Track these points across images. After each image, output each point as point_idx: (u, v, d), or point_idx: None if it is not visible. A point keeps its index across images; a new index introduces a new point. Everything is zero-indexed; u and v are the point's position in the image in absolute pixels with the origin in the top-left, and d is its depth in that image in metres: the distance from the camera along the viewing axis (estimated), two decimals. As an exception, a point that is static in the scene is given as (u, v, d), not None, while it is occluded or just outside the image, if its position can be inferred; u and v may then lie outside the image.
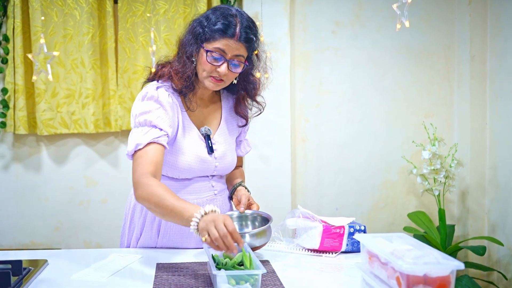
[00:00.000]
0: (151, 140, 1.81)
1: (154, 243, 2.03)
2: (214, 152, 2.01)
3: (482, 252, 3.33)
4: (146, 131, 1.83)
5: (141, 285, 1.62)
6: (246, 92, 2.05)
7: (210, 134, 2.01)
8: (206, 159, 1.99)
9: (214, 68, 1.87)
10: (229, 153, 2.08)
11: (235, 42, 1.85)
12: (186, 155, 1.95)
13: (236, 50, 1.87)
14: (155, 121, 1.84)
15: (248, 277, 1.50)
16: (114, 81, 3.62)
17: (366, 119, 3.85)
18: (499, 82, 3.61)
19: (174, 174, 1.97)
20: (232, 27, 1.85)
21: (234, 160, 2.12)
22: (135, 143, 1.82)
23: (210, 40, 1.86)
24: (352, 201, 3.87)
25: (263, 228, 1.83)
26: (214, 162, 2.01)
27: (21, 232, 3.75)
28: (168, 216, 1.71)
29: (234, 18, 1.86)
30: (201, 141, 2.00)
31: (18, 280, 1.60)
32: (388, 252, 1.35)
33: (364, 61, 3.83)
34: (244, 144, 2.24)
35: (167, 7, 3.59)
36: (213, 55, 1.86)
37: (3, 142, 3.70)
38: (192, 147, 1.96)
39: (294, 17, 3.77)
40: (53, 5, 3.55)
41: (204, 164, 1.98)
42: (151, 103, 1.89)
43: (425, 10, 3.82)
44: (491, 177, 3.69)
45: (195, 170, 1.97)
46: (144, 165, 1.78)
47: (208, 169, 2.01)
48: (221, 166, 2.04)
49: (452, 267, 1.26)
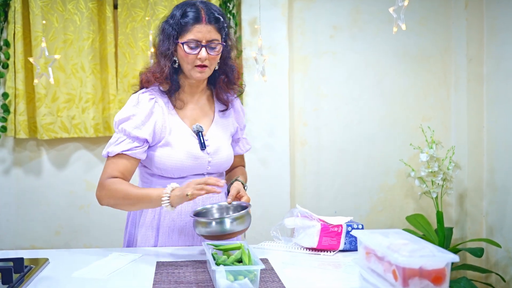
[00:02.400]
0: (121, 152, 1.94)
1: (155, 242, 2.06)
2: (206, 148, 2.04)
3: (480, 254, 3.35)
4: (121, 140, 1.96)
5: (141, 283, 1.64)
6: (225, 75, 2.09)
7: (202, 131, 2.05)
8: (198, 155, 2.02)
9: (195, 57, 1.94)
10: (223, 148, 2.10)
11: (204, 26, 1.93)
12: (177, 152, 2.00)
13: (208, 34, 1.94)
14: (132, 131, 1.95)
15: (247, 273, 1.52)
16: (114, 85, 3.65)
17: (364, 122, 3.88)
18: (496, 85, 3.64)
19: (168, 173, 2.01)
20: (198, 13, 1.94)
21: (230, 156, 2.13)
22: (107, 150, 1.98)
23: (182, 33, 1.95)
24: (351, 204, 3.89)
25: (241, 213, 1.86)
26: (207, 158, 2.04)
27: (22, 236, 3.76)
28: (137, 204, 1.92)
29: (196, 6, 1.97)
30: (193, 138, 2.03)
31: (20, 278, 1.62)
32: (384, 246, 1.37)
33: (362, 64, 3.86)
34: (243, 142, 2.28)
35: (167, 12, 3.61)
36: (189, 45, 1.94)
37: (4, 147, 3.72)
38: (183, 144, 2.01)
39: (293, 22, 3.80)
40: (53, 10, 3.58)
41: (196, 160, 2.02)
42: (131, 109, 1.99)
43: (422, 14, 3.86)
44: (488, 179, 3.72)
45: (187, 167, 2.01)
46: (110, 171, 1.95)
47: (201, 165, 2.04)
48: (215, 161, 2.07)
49: (447, 259, 1.29)
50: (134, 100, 2.01)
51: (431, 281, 1.28)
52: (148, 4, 3.62)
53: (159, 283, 1.61)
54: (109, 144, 1.98)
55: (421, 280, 1.28)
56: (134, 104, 2.00)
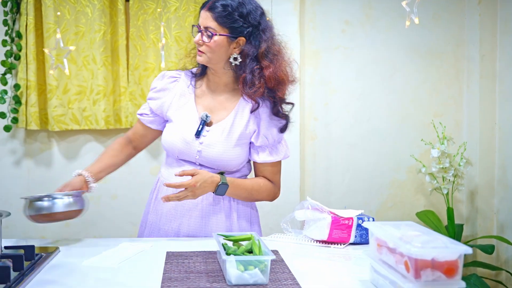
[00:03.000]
0: (137, 114, 2.23)
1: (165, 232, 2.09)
2: (201, 137, 2.04)
3: (491, 250, 3.33)
4: (143, 106, 2.23)
5: (151, 272, 1.64)
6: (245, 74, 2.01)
7: (206, 120, 2.06)
8: (189, 140, 2.05)
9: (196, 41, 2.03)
10: (220, 145, 2.03)
11: (204, 12, 2.00)
12: (173, 133, 2.08)
13: (204, 20, 1.99)
14: (148, 100, 2.18)
15: (257, 263, 1.52)
16: (125, 78, 3.66)
17: (374, 118, 3.86)
18: (508, 82, 3.61)
19: (167, 152, 2.14)
20: (208, 1, 2.01)
21: (226, 155, 2.04)
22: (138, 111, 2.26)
23: None
24: (361, 199, 3.88)
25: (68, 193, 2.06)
26: (197, 147, 2.04)
27: (31, 228, 3.76)
28: None
29: None
30: (196, 124, 2.07)
31: (31, 265, 1.63)
32: (396, 237, 1.36)
33: (373, 60, 3.84)
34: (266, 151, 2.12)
35: (178, 5, 3.62)
36: (193, 29, 2.05)
37: (15, 138, 3.74)
38: (182, 126, 2.07)
39: (304, 16, 3.79)
40: (65, 2, 3.59)
41: (187, 145, 2.05)
42: (155, 82, 2.19)
43: (435, 9, 3.83)
44: (500, 176, 3.69)
45: (177, 149, 2.07)
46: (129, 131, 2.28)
47: (190, 152, 2.05)
48: (205, 154, 2.03)
49: (460, 251, 1.27)
50: (159, 76, 2.19)
51: (443, 272, 1.27)
52: (160, -4, 3.62)
53: (169, 273, 1.61)
54: None
55: (433, 272, 1.27)
56: (159, 78, 2.18)
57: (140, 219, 2.29)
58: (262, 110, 2.09)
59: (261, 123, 2.09)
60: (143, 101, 3.65)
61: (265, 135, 2.10)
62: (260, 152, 2.12)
